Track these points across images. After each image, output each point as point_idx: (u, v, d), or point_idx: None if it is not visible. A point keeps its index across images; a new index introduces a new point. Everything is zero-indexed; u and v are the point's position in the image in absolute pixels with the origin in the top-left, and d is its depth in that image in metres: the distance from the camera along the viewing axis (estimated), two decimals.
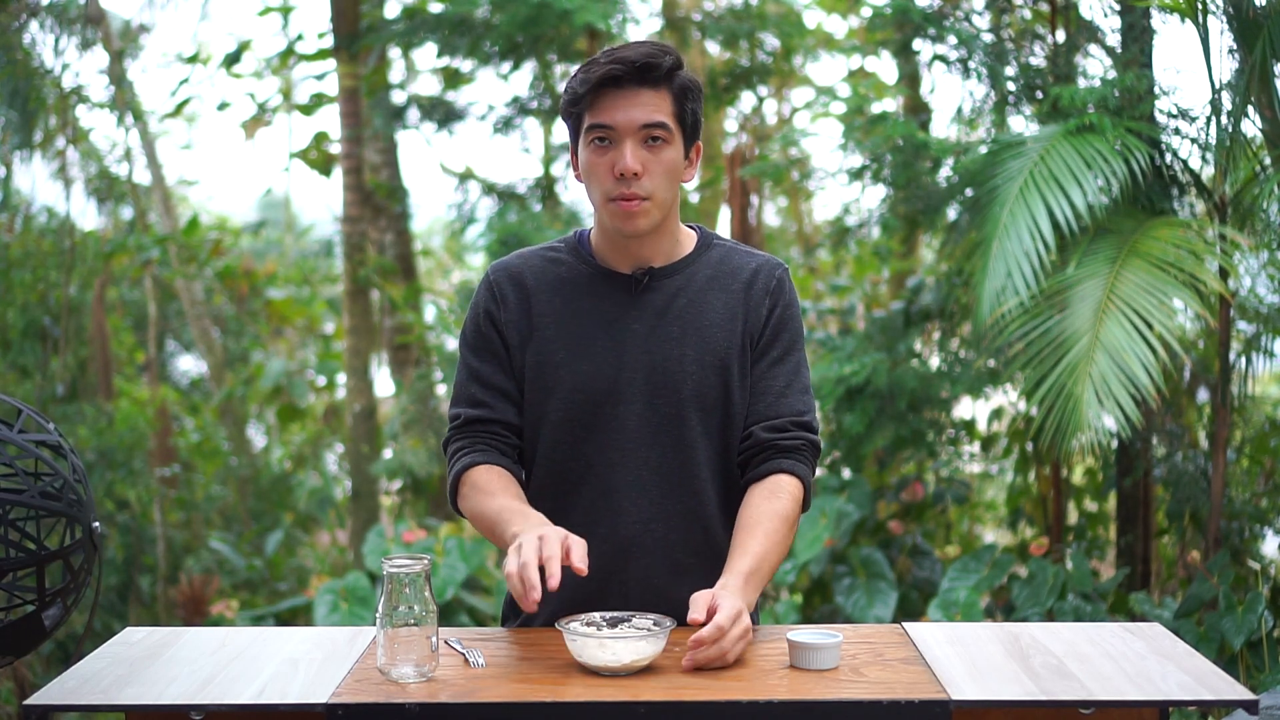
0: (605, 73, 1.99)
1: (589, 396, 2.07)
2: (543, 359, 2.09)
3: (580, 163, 2.07)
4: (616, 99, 2.00)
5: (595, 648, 1.81)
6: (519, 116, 6.63)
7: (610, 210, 2.04)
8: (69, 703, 1.78)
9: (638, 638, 1.82)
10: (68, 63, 7.05)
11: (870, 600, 4.87)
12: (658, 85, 2.01)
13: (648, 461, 2.07)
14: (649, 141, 2.01)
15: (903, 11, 4.90)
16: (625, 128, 2.00)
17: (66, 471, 2.32)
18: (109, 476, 6.60)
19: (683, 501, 2.08)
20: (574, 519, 2.05)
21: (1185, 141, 4.37)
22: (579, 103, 2.03)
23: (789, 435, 2.08)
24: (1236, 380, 4.42)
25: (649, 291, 2.10)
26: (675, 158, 2.04)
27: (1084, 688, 1.76)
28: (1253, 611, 3.85)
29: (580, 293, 2.11)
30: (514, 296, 2.12)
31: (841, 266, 7.43)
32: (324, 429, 9.13)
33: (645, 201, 2.02)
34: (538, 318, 2.11)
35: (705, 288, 2.11)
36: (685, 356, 2.07)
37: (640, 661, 1.82)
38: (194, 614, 6.50)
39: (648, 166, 2.01)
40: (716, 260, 2.14)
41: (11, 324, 6.81)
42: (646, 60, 1.99)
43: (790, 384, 2.11)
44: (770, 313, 2.11)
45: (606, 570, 2.05)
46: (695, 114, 2.08)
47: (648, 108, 2.00)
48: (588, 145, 2.04)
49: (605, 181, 2.02)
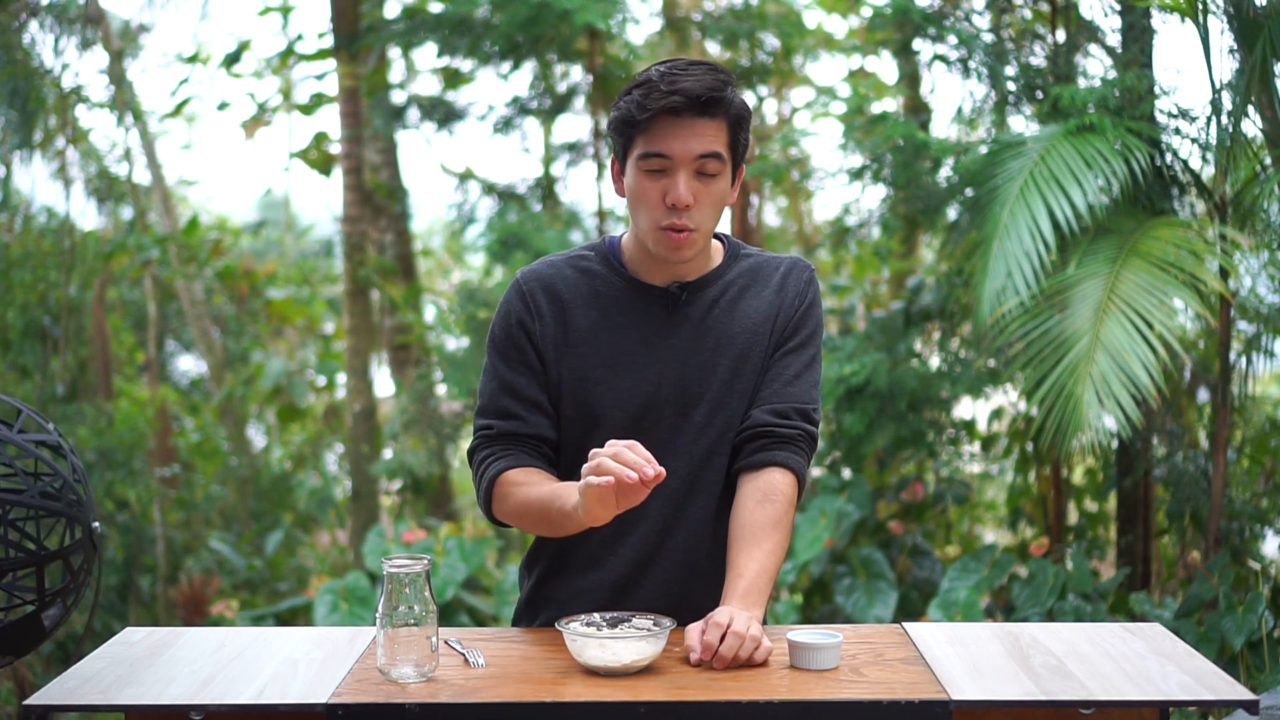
0: (668, 104, 1.95)
1: (628, 414, 2.07)
2: (581, 375, 2.08)
3: (628, 185, 2.03)
4: (675, 128, 1.97)
5: (595, 648, 1.81)
6: (519, 116, 6.62)
7: (658, 238, 2.02)
8: (69, 703, 1.78)
9: (638, 638, 1.82)
10: (67, 63, 7.04)
11: (870, 600, 4.87)
12: (716, 115, 1.98)
13: (676, 470, 2.07)
14: (701, 174, 1.99)
15: (903, 11, 4.90)
16: (682, 158, 1.97)
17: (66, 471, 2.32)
18: (109, 476, 6.60)
19: (705, 507, 2.09)
20: (606, 530, 2.03)
21: (1185, 141, 4.36)
22: (633, 125, 1.99)
23: (788, 423, 2.07)
24: (1237, 380, 4.42)
25: (686, 305, 2.10)
26: (725, 188, 2.03)
27: (1084, 688, 1.76)
28: (1253, 611, 3.85)
29: (617, 308, 2.09)
30: (549, 308, 2.10)
31: (841, 266, 7.43)
32: (324, 429, 9.13)
33: (694, 233, 2.01)
34: (574, 332, 2.09)
35: (738, 297, 2.11)
36: (719, 366, 2.08)
37: (640, 662, 1.82)
38: (194, 614, 6.50)
39: (699, 198, 2.00)
40: (748, 269, 2.15)
41: (11, 324, 6.81)
42: (710, 94, 1.96)
43: (800, 375, 2.11)
44: (797, 309, 2.13)
45: (628, 577, 2.08)
46: (746, 141, 2.06)
47: (705, 139, 1.98)
48: (639, 170, 2.00)
49: (655, 210, 2.00)
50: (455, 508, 7.76)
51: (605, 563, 2.10)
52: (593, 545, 2.08)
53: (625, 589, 2.09)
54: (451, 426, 6.83)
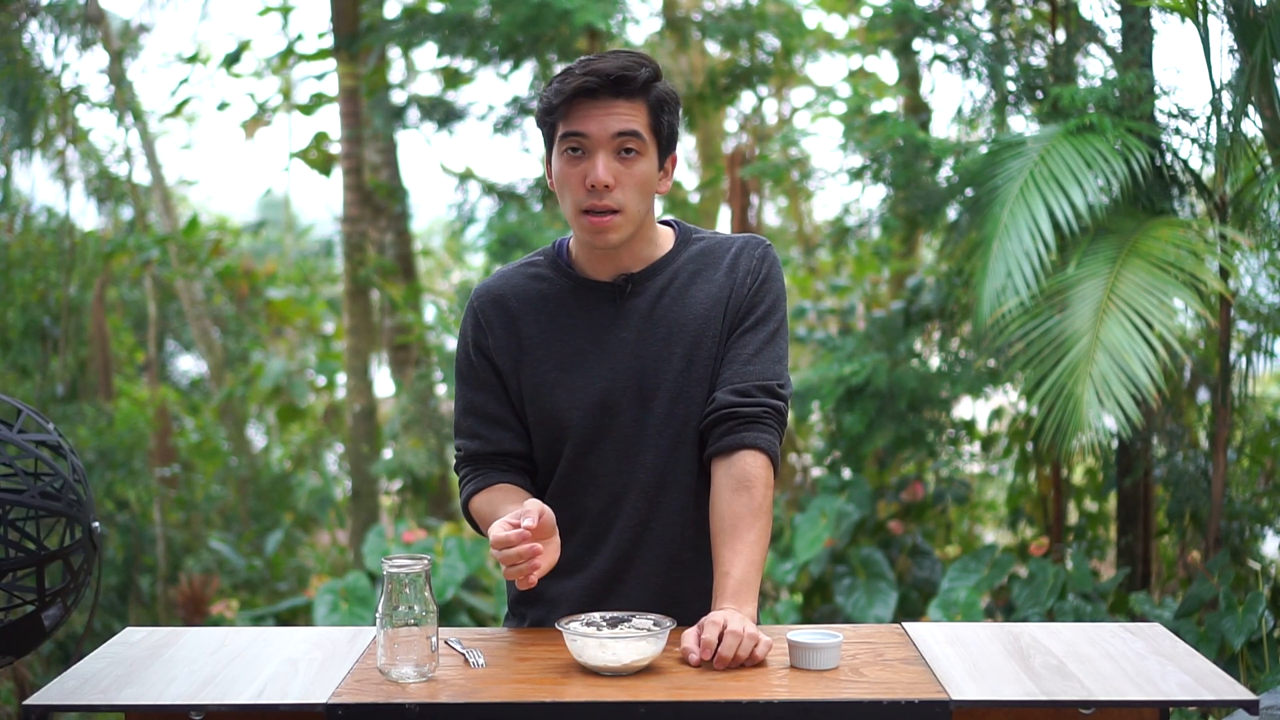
0: (580, 84, 1.98)
1: (585, 412, 2.07)
2: (537, 381, 2.09)
3: (554, 173, 2.05)
4: (591, 109, 1.98)
5: (595, 648, 1.81)
6: (519, 116, 6.62)
7: (581, 224, 2.02)
8: (69, 703, 1.78)
9: (638, 638, 1.82)
10: (67, 63, 7.04)
11: (870, 600, 4.87)
12: (633, 96, 2.00)
13: (646, 463, 2.07)
14: (622, 153, 1.99)
15: (903, 11, 4.90)
16: (598, 137, 1.98)
17: (66, 471, 2.32)
18: (109, 476, 6.60)
19: (680, 498, 2.08)
20: (584, 528, 2.08)
21: (1185, 141, 4.36)
22: (553, 112, 2.01)
23: (752, 401, 2.04)
24: (1237, 380, 4.42)
25: (633, 297, 2.09)
26: (648, 170, 2.03)
27: (1084, 688, 1.76)
28: (1253, 611, 3.85)
29: (565, 309, 2.10)
30: (499, 321, 2.11)
31: (841, 266, 7.43)
32: (324, 429, 9.13)
33: (616, 215, 2.01)
34: (526, 340, 2.10)
35: (688, 282, 2.10)
36: (674, 355, 2.07)
37: (640, 662, 1.82)
38: (194, 614, 6.50)
39: (620, 179, 2.00)
40: (698, 253, 2.13)
41: (11, 324, 6.81)
42: (622, 72, 1.98)
43: (760, 351, 2.08)
44: (751, 287, 2.10)
45: (612, 573, 2.09)
46: (671, 126, 2.06)
47: (622, 118, 1.99)
48: (561, 155, 2.02)
49: (577, 192, 2.01)
50: (455, 508, 7.76)
51: (587, 561, 2.10)
52: (574, 545, 2.09)
53: (610, 586, 2.09)
54: (451, 426, 6.83)
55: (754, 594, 1.97)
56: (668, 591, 2.08)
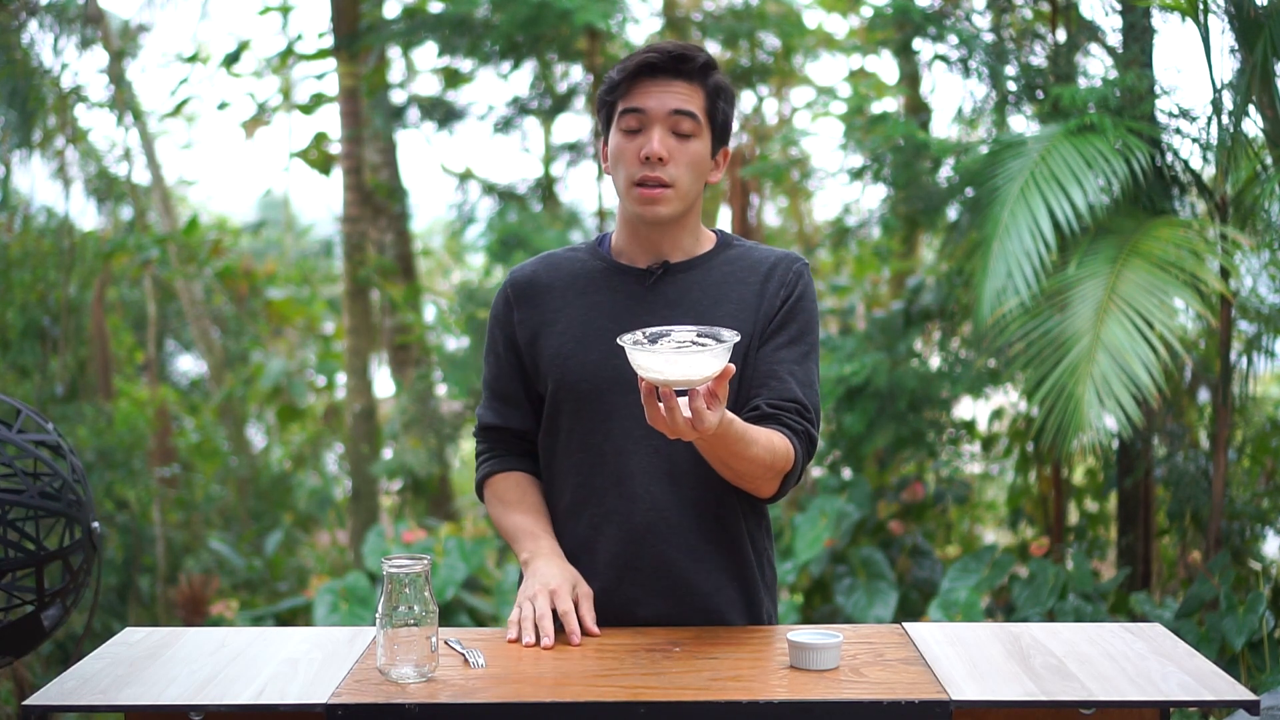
0: (643, 60, 2.05)
1: (595, 386, 2.08)
2: (555, 350, 2.12)
3: (610, 149, 2.10)
4: (650, 86, 2.05)
5: (661, 361, 1.73)
6: (519, 116, 6.62)
7: (633, 195, 2.06)
8: (68, 703, 1.78)
9: (697, 351, 1.73)
10: (67, 62, 7.03)
11: (870, 600, 4.87)
12: (691, 78, 2.06)
13: (659, 449, 2.07)
14: (676, 133, 2.05)
15: (903, 11, 4.90)
16: (656, 112, 2.04)
17: (66, 472, 2.32)
18: (108, 476, 6.60)
19: (695, 489, 2.08)
20: (591, 508, 2.10)
21: (1186, 141, 4.36)
22: (615, 89, 2.08)
23: (794, 418, 2.05)
24: (1237, 380, 4.42)
25: (663, 285, 2.11)
26: (702, 151, 2.07)
27: (1084, 688, 1.76)
28: (1254, 612, 3.84)
29: (594, 286, 2.14)
30: (528, 295, 2.17)
31: (841, 266, 7.43)
32: (324, 429, 9.13)
33: (668, 189, 2.05)
34: (550, 312, 2.14)
35: (721, 283, 2.11)
36: None
37: (699, 376, 1.73)
38: (194, 614, 6.49)
39: (674, 154, 2.05)
40: (735, 258, 2.14)
41: (11, 324, 6.80)
42: (683, 52, 2.05)
43: (795, 372, 2.07)
44: (784, 301, 2.10)
45: (624, 558, 2.09)
46: (726, 116, 2.11)
47: (679, 96, 2.05)
48: (619, 131, 2.08)
49: (631, 165, 2.06)
50: (455, 508, 7.76)
51: (595, 544, 2.10)
52: (582, 525, 2.10)
53: (621, 573, 2.08)
54: (451, 426, 6.84)
55: (733, 424, 1.88)
56: (684, 580, 2.08)
